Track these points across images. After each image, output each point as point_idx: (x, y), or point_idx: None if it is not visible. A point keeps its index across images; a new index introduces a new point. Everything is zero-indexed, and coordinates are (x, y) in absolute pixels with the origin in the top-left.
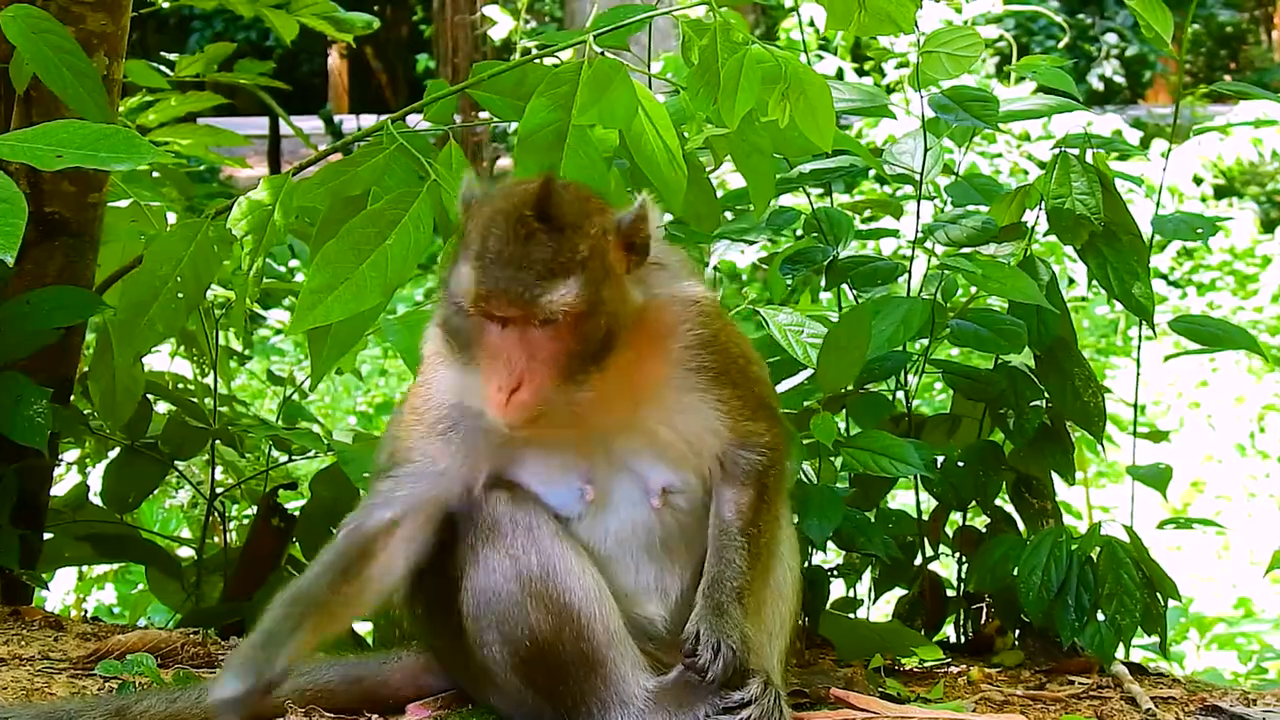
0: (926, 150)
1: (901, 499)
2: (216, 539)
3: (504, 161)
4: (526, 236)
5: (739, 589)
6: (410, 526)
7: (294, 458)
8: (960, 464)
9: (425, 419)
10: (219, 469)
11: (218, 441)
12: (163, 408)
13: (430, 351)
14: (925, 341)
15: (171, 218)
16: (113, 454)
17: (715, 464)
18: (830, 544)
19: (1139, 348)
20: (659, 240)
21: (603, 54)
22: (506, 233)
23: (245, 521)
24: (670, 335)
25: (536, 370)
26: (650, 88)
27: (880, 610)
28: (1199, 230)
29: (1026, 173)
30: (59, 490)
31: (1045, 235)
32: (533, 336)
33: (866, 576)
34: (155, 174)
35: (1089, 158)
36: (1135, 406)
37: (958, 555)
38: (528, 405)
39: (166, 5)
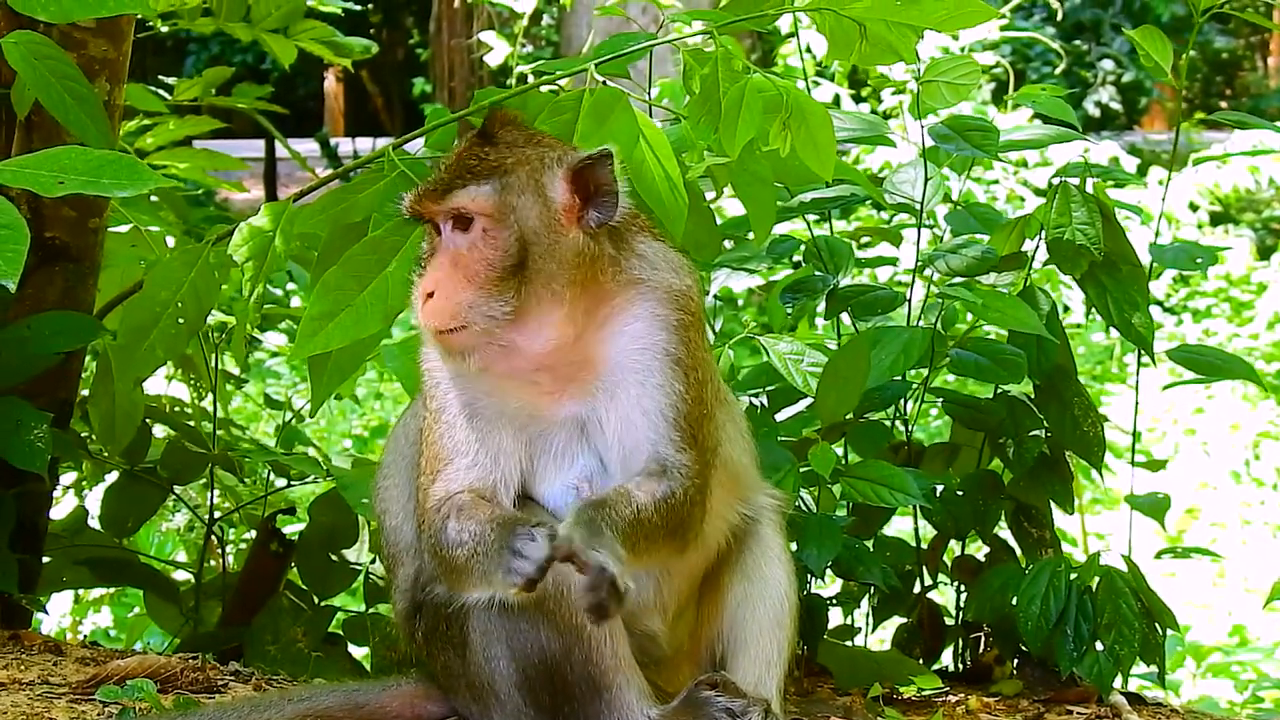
0: (927, 180)
1: (900, 527)
2: (214, 563)
3: None
4: (464, 150)
5: (618, 523)
6: None
7: (292, 483)
8: (959, 493)
9: (434, 409)
10: (217, 493)
11: (216, 466)
12: (161, 432)
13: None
14: (924, 370)
15: (170, 242)
16: (111, 478)
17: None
18: (829, 572)
19: (1137, 376)
20: (630, 212)
21: (604, 82)
22: (453, 150)
23: (243, 546)
24: (638, 316)
25: (453, 275)
26: (650, 114)
27: (878, 639)
28: (1199, 260)
29: (1023, 200)
30: (57, 514)
31: (1044, 264)
32: (455, 245)
33: (865, 605)
34: (154, 198)
35: (1089, 187)
36: (1134, 435)
37: (956, 584)
38: (443, 310)
39: (165, 29)
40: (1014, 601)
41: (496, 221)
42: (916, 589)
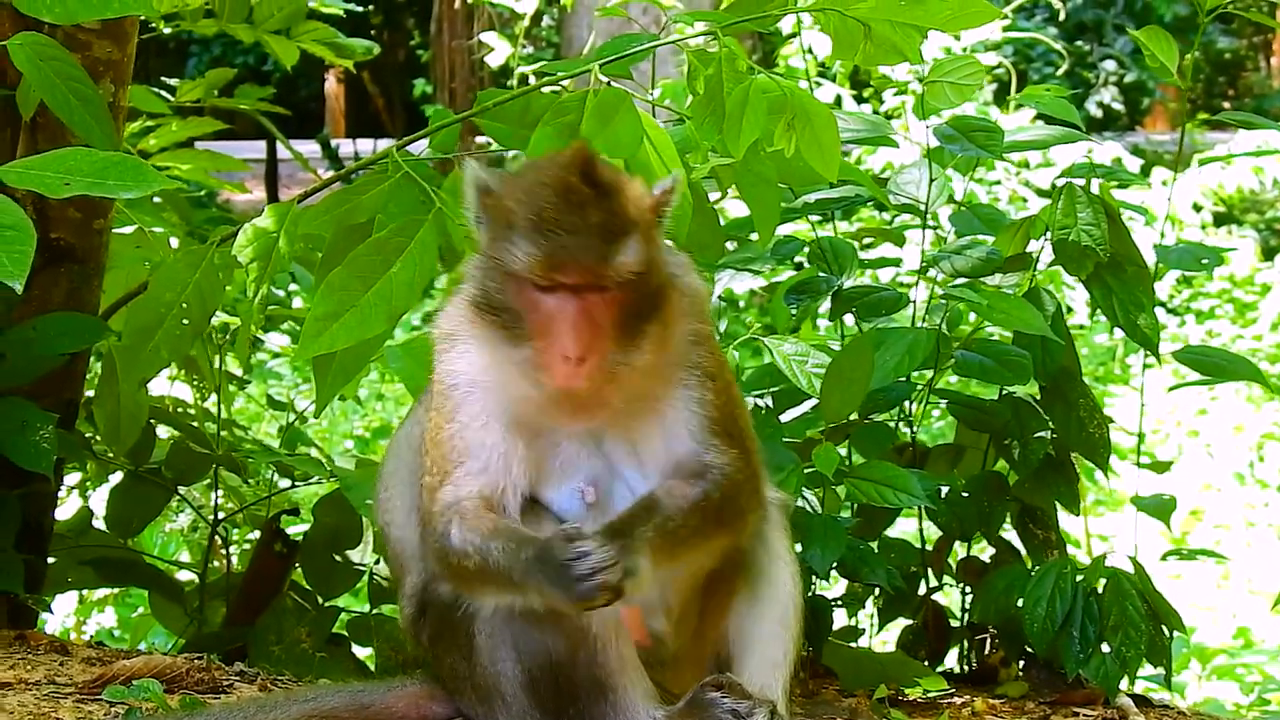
0: (931, 180)
1: (905, 528)
2: (219, 564)
3: None
4: (580, 204)
5: (651, 531)
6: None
7: (296, 483)
8: (964, 494)
9: (447, 411)
10: (220, 494)
11: (220, 467)
12: (165, 433)
13: (446, 333)
14: (929, 371)
15: (174, 243)
16: (116, 478)
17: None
18: (834, 573)
19: (1142, 377)
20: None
21: (608, 83)
22: (560, 201)
23: (247, 546)
24: (676, 323)
25: (599, 335)
26: (654, 115)
27: (883, 640)
28: (1204, 260)
29: (1025, 200)
30: (62, 514)
31: (1049, 266)
32: (592, 302)
33: (870, 606)
34: (157, 200)
35: (1094, 187)
36: (1139, 436)
37: (961, 585)
38: (594, 371)
39: (168, 31)
40: (1019, 603)
41: (643, 277)
42: (921, 590)
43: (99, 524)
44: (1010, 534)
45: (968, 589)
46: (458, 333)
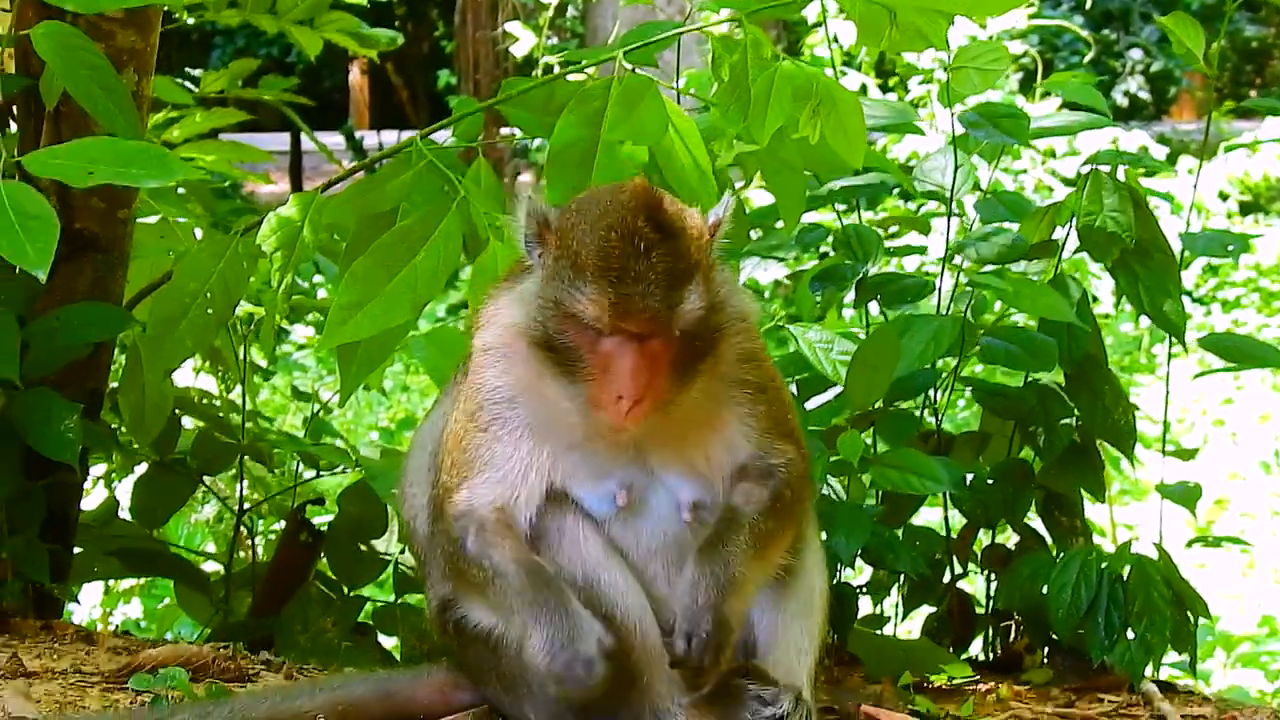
0: (957, 168)
1: (930, 516)
2: (244, 554)
3: (524, 177)
4: (647, 250)
5: (729, 575)
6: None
7: (321, 473)
8: (989, 481)
9: (480, 421)
10: (246, 484)
11: (246, 457)
12: (190, 423)
13: (487, 346)
14: (954, 359)
15: (197, 233)
16: (141, 469)
17: (735, 474)
18: (859, 561)
19: (1168, 365)
20: None
21: (633, 70)
22: (626, 247)
23: (272, 536)
24: (728, 349)
25: (656, 378)
26: (679, 103)
27: (908, 627)
28: (1230, 247)
29: (1051, 189)
30: (88, 505)
31: (1074, 253)
32: (652, 347)
33: (895, 593)
34: (181, 190)
35: (1120, 174)
36: (1164, 424)
37: (986, 573)
38: (647, 412)
39: (191, 21)
40: (1044, 590)
41: (703, 320)
42: (946, 578)
43: (124, 514)
44: (1035, 521)
45: (993, 576)
46: (499, 347)
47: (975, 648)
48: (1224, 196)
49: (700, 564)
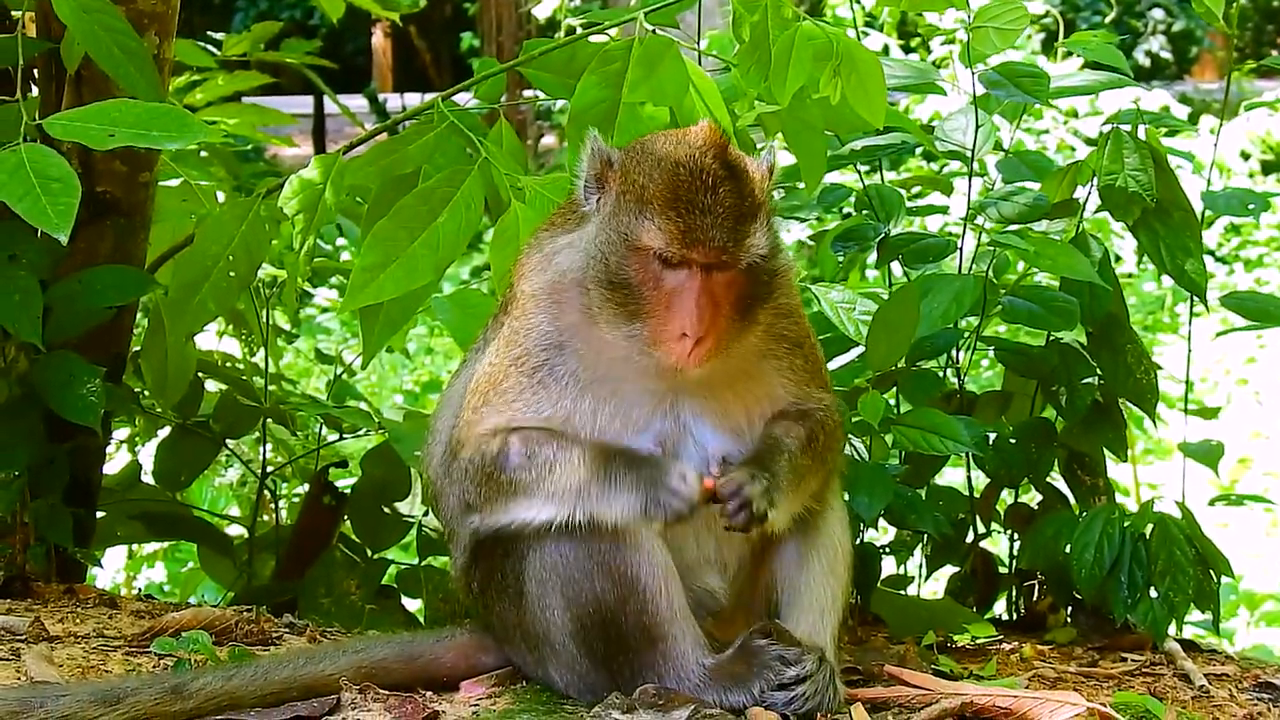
0: (978, 127)
1: (953, 477)
2: (267, 517)
3: (548, 139)
4: (715, 185)
5: (779, 462)
6: None
7: (344, 436)
8: (1012, 441)
9: (525, 365)
10: (269, 447)
11: (269, 420)
12: (213, 386)
13: (532, 292)
14: (976, 318)
15: (220, 197)
16: (164, 433)
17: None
18: (882, 521)
19: (1189, 325)
20: None
21: (653, 31)
22: (695, 181)
23: (295, 500)
24: (775, 301)
25: (719, 316)
26: (700, 64)
27: (932, 588)
28: (1251, 206)
29: (1074, 149)
30: (111, 469)
31: (1096, 212)
32: (716, 282)
33: (918, 553)
34: (203, 154)
35: (1141, 134)
36: (1186, 383)
37: (1009, 532)
38: (709, 351)
39: None
40: (1067, 549)
41: (766, 259)
42: (969, 538)
43: (148, 478)
44: (1058, 481)
45: (1016, 536)
46: (549, 292)
47: (999, 607)
48: (1245, 156)
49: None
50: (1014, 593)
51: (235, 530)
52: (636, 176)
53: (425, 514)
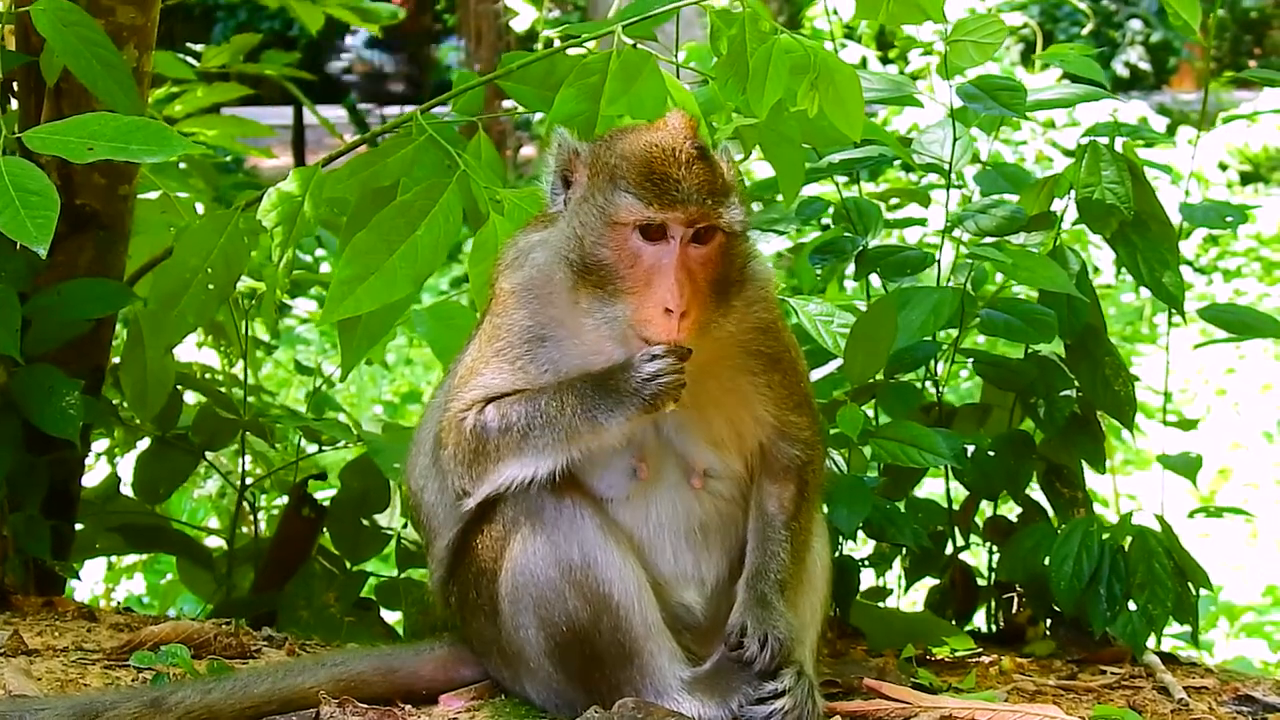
0: (956, 139)
1: (932, 488)
2: (246, 529)
3: (527, 150)
4: (689, 161)
5: (781, 581)
6: None
7: (323, 448)
8: (990, 453)
9: (507, 356)
10: (248, 459)
11: (248, 432)
12: (191, 398)
13: (510, 289)
14: (954, 330)
15: (199, 208)
16: (143, 445)
17: (757, 453)
18: (860, 533)
19: (1168, 336)
20: None
21: (632, 45)
22: (669, 158)
23: (274, 512)
24: (750, 307)
25: (699, 290)
26: (678, 77)
27: (911, 600)
28: (1229, 219)
29: (1051, 160)
30: (90, 481)
31: (1073, 224)
32: (694, 255)
33: (897, 566)
34: (183, 165)
35: (1118, 146)
36: (1165, 395)
37: (988, 545)
38: (692, 326)
39: None
40: (1046, 562)
41: (737, 236)
42: (948, 550)
43: (127, 490)
44: (1037, 493)
45: (994, 548)
46: (529, 287)
47: (978, 620)
48: (1224, 167)
49: (751, 586)
50: (993, 605)
51: (214, 542)
52: (608, 159)
53: (404, 526)
